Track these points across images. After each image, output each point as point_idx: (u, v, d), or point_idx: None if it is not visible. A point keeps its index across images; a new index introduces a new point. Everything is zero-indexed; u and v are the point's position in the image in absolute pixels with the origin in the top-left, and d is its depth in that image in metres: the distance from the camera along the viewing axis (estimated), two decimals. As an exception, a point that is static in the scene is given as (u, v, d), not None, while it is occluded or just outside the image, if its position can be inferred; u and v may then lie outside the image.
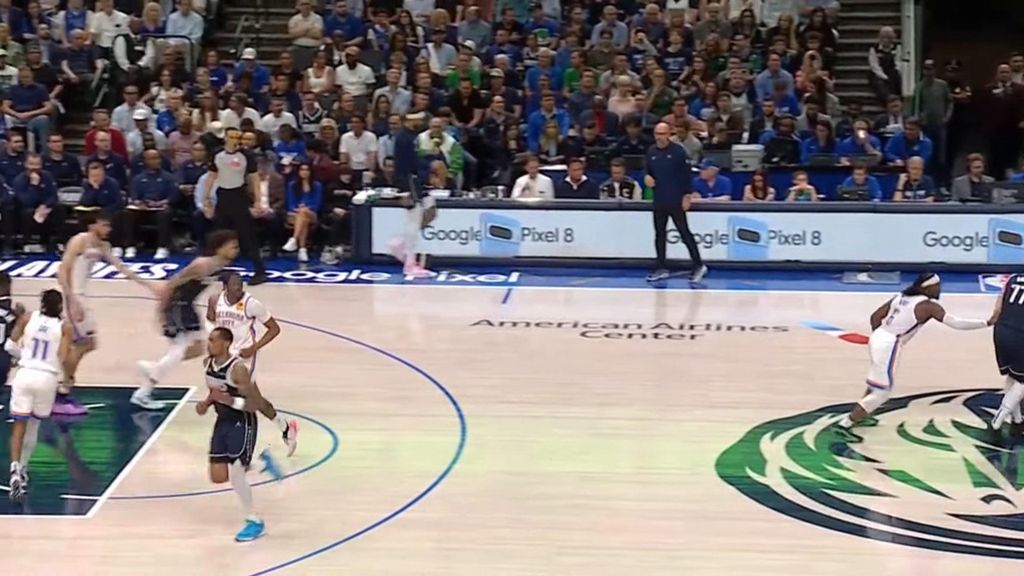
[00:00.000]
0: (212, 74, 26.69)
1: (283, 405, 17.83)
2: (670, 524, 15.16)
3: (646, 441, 17.37)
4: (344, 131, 25.24)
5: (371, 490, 15.93)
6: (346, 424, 17.46)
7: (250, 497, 14.50)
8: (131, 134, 25.39)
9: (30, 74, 26.15)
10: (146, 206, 24.00)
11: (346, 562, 14.40)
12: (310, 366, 19.07)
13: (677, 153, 23.28)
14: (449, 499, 15.76)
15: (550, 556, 14.57)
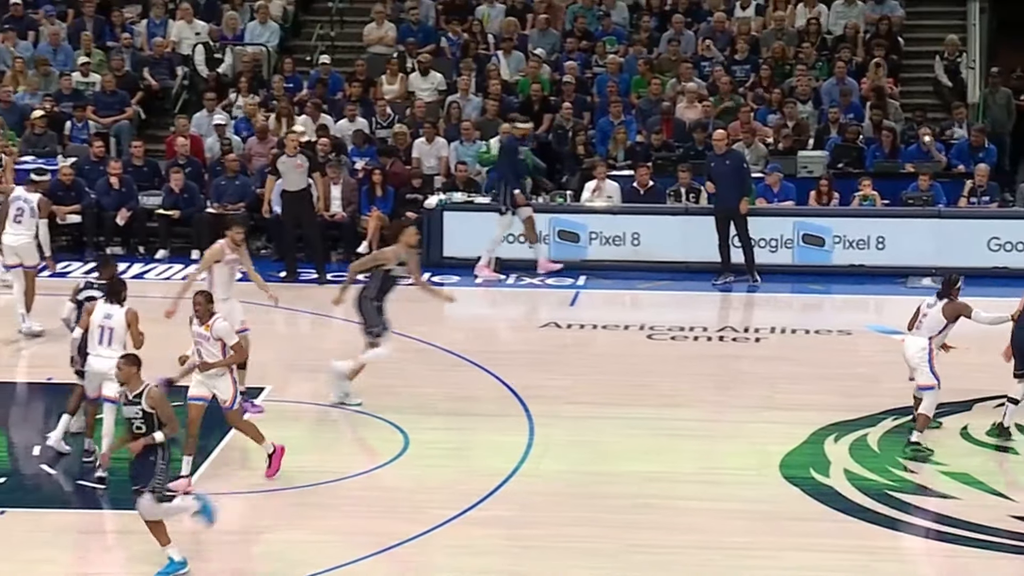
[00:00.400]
0: (288, 81, 26.81)
1: (350, 403, 17.91)
2: (735, 524, 15.12)
3: (711, 442, 17.33)
4: (416, 137, 25.30)
5: (441, 488, 15.95)
6: (417, 424, 17.50)
7: (165, 532, 13.80)
8: (209, 139, 25.54)
9: (113, 81, 26.35)
10: (223, 209, 24.13)
11: (418, 559, 14.43)
12: (382, 367, 19.11)
13: (736, 159, 23.24)
14: (518, 497, 15.77)
15: (617, 554, 14.55)
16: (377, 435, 17.27)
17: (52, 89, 26.48)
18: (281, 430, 17.48)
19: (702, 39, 27.64)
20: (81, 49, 27.15)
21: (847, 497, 15.67)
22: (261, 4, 28.07)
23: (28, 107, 25.75)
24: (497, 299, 22.63)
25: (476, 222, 23.59)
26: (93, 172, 24.52)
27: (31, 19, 27.79)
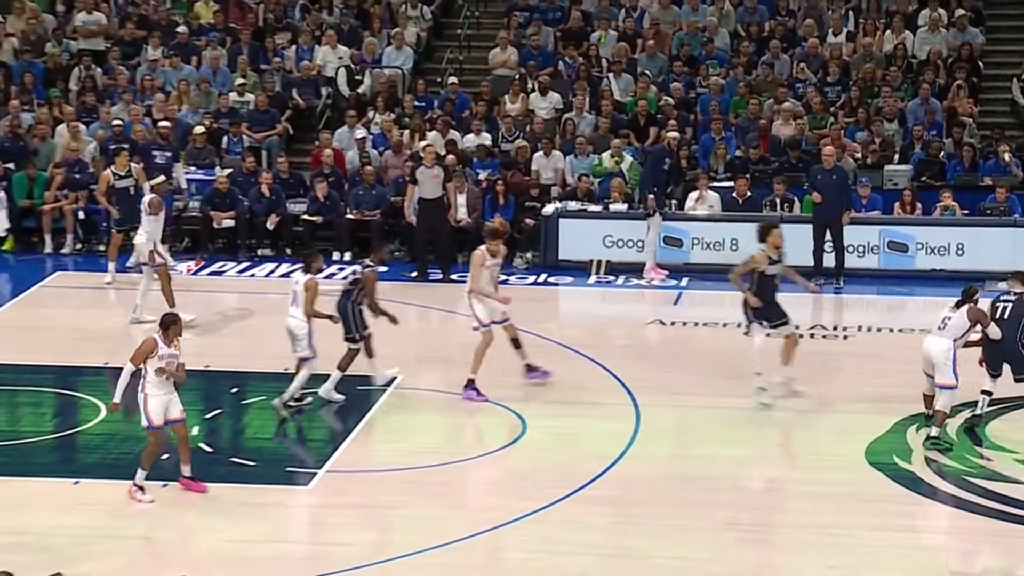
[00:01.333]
0: (420, 100, 26.93)
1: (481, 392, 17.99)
2: (821, 505, 15.02)
3: (802, 430, 17.22)
4: (535, 150, 25.33)
5: (555, 469, 15.97)
6: (535, 411, 17.53)
7: None
8: (350, 153, 25.70)
9: (265, 100, 26.58)
10: (361, 216, 24.28)
11: (534, 532, 14.47)
12: (503, 359, 19.16)
13: (841, 174, 23.12)
14: (624, 479, 15.76)
15: (714, 532, 14.50)
16: (499, 421, 17.32)
17: (211, 107, 26.78)
18: (413, 414, 17.60)
19: (797, 63, 27.44)
20: (237, 72, 27.43)
21: (927, 481, 15.53)
22: (397, 31, 28.21)
23: (190, 124, 26.06)
24: (608, 298, 22.59)
25: (588, 228, 23.57)
26: (246, 182, 24.77)
27: (194, 45, 28.12)
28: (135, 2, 29.09)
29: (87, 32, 28.16)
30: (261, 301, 21.93)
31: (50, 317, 21.04)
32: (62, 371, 18.70)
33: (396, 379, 18.30)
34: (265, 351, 19.34)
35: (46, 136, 25.50)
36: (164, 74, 27.37)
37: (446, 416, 17.67)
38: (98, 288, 22.06)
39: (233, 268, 23.57)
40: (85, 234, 24.45)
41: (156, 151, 24.22)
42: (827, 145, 23.76)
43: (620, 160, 24.76)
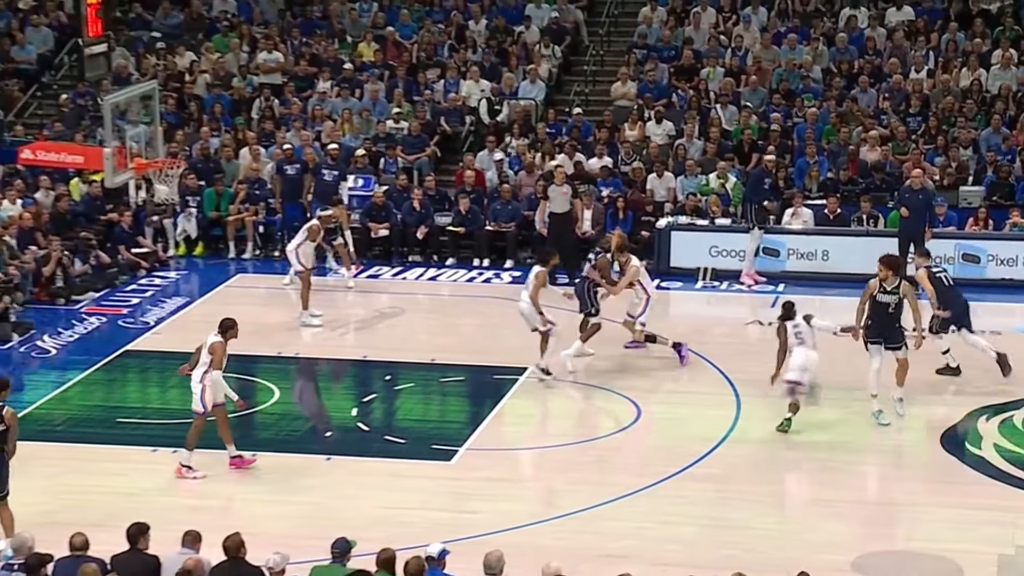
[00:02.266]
0: (551, 127, 26.87)
1: (599, 381, 17.95)
2: (902, 485, 14.81)
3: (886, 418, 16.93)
4: (650, 172, 25.17)
5: (665, 449, 15.91)
6: (648, 398, 17.46)
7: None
8: (489, 172, 25.71)
9: (417, 127, 26.67)
10: (498, 227, 24.29)
11: (646, 505, 14.41)
12: (623, 352, 19.12)
13: (927, 194, 22.72)
14: (726, 459, 15.65)
15: (805, 506, 14.36)
16: (617, 407, 17.27)
17: (371, 133, 26.95)
18: (542, 400, 17.59)
19: (883, 96, 27.01)
20: (394, 102, 27.58)
21: (995, 465, 15.23)
22: (532, 67, 28.17)
23: (352, 147, 26.25)
24: (712, 301, 22.40)
25: (696, 239, 23.36)
26: (400, 198, 24.88)
27: (358, 80, 28.31)
28: (308, 43, 29.39)
29: (267, 68, 28.49)
30: (411, 301, 22.07)
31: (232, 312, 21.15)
32: (242, 359, 18.93)
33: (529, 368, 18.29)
34: (414, 344, 19.46)
35: (231, 157, 25.82)
36: (331, 104, 27.61)
37: (571, 402, 17.64)
38: (274, 288, 22.31)
39: (387, 272, 23.71)
40: (263, 242, 24.74)
41: (325, 170, 24.44)
42: (914, 168, 23.38)
43: (725, 180, 24.55)
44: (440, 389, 18.07)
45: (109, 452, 15.50)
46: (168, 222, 24.54)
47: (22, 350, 19.42)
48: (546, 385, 17.72)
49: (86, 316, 20.93)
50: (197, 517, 13.52)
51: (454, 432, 16.55)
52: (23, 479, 14.50)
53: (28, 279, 21.45)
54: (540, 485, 15.08)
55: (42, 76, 29.05)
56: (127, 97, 18.01)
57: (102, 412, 17.11)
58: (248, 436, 16.57)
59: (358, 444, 16.07)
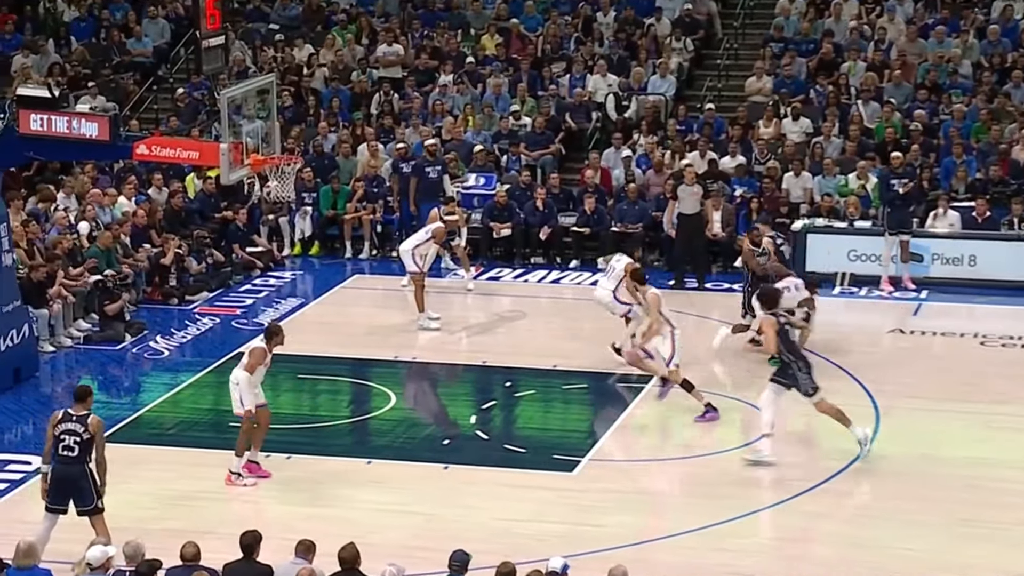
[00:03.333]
0: (681, 124, 26.78)
1: (728, 391, 17.83)
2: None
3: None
4: (786, 171, 24.96)
5: (800, 464, 15.76)
6: (781, 409, 17.25)
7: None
8: (616, 171, 25.70)
9: (542, 123, 26.73)
10: (625, 228, 24.25)
11: (779, 522, 14.29)
12: (752, 360, 18.98)
13: None
14: (864, 474, 15.47)
15: (949, 526, 14.13)
16: (747, 419, 17.14)
17: (493, 129, 27.08)
18: (668, 410, 17.52)
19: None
20: (517, 97, 27.69)
21: None
22: (662, 61, 28.07)
23: (473, 144, 26.39)
24: (851, 308, 22.14)
25: (833, 243, 23.10)
26: (522, 197, 24.96)
27: (480, 74, 28.46)
28: (430, 35, 29.61)
29: (387, 62, 28.76)
30: (533, 304, 22.13)
31: (348, 314, 21.56)
32: (357, 363, 19.15)
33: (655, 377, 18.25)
34: (535, 349, 19.50)
35: (349, 154, 26.11)
36: (453, 99, 27.81)
37: (699, 413, 17.52)
38: (391, 290, 22.50)
39: (508, 274, 23.80)
40: (380, 241, 24.97)
41: (428, 168, 24.54)
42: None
43: (865, 181, 24.25)
44: (562, 397, 18.09)
45: (221, 457, 15.74)
46: (283, 220, 24.89)
47: (134, 351, 19.83)
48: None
49: (199, 316, 21.30)
50: (311, 525, 13.69)
51: (576, 442, 16.56)
52: (133, 483, 14.81)
53: (141, 278, 21.90)
54: (665, 499, 15.03)
55: (158, 69, 29.65)
56: (244, 91, 18.24)
57: (214, 416, 17.39)
58: (363, 443, 16.75)
59: (477, 452, 16.15)
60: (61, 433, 12.89)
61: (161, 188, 24.27)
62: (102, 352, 19.77)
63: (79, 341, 20.11)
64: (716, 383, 18.10)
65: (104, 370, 19.27)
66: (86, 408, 13.07)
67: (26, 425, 17.09)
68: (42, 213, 22.18)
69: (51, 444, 12.98)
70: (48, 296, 19.75)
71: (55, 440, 12.92)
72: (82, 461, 12.90)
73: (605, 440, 16.52)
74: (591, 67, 28.19)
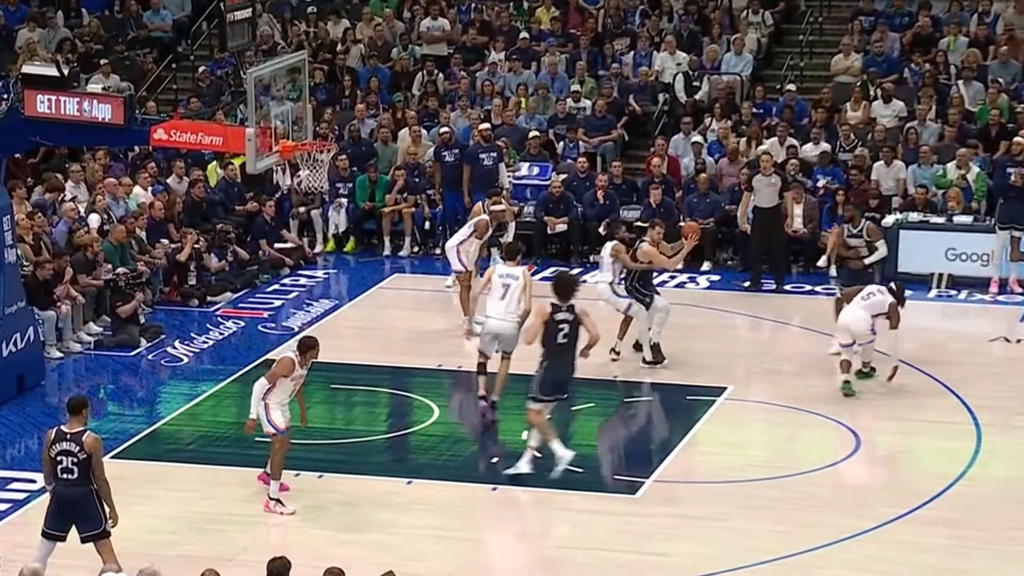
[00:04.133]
0: (758, 107, 26.74)
1: (810, 406, 17.78)
2: None
3: None
4: (875, 159, 24.87)
5: (889, 488, 15.71)
6: (869, 427, 17.25)
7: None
8: (685, 159, 25.69)
9: (603, 106, 26.75)
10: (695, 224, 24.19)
11: (863, 552, 14.24)
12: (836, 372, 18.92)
13: None
14: (963, 500, 15.38)
15: (1057, 560, 14.03)
16: (831, 435, 17.09)
17: (548, 113, 27.13)
18: (741, 426, 17.51)
19: None
20: (575, 77, 27.73)
21: None
22: (737, 37, 28.07)
23: (526, 129, 26.43)
24: (949, 313, 22.02)
25: (930, 240, 23.00)
26: (580, 188, 24.99)
27: (534, 51, 28.53)
28: (478, 8, 29.69)
29: (431, 38, 28.87)
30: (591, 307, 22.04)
31: (387, 318, 21.64)
32: (397, 372, 19.22)
33: (727, 389, 18.23)
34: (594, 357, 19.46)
35: (388, 140, 26.22)
36: (504, 79, 27.87)
37: (775, 429, 17.52)
38: (436, 291, 22.56)
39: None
40: (422, 237, 25.03)
41: (482, 154, 24.55)
42: None
43: (966, 171, 24.11)
44: (624, 411, 18.09)
45: (245, 476, 15.83)
46: (316, 214, 25.02)
47: (150, 357, 19.97)
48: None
49: (222, 320, 21.44)
50: (345, 552, 13.75)
51: (639, 461, 16.56)
52: (148, 505, 14.94)
53: (158, 276, 22.05)
54: (738, 525, 14.99)
55: (178, 45, 29.88)
56: (273, 70, 18.32)
57: (237, 430, 17.47)
58: (404, 461, 16.81)
59: (530, 472, 16.14)
60: (57, 455, 12.85)
61: (181, 177, 24.45)
62: (115, 359, 19.94)
63: (89, 346, 20.28)
64: (808, 396, 18.03)
65: (117, 378, 19.43)
66: (81, 423, 12.96)
67: (30, 439, 17.23)
68: (49, 204, 22.38)
69: (49, 467, 12.97)
70: (55, 296, 19.92)
71: (52, 462, 12.92)
72: (85, 482, 12.86)
73: (672, 459, 16.51)
74: (658, 44, 28.19)
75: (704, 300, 22.18)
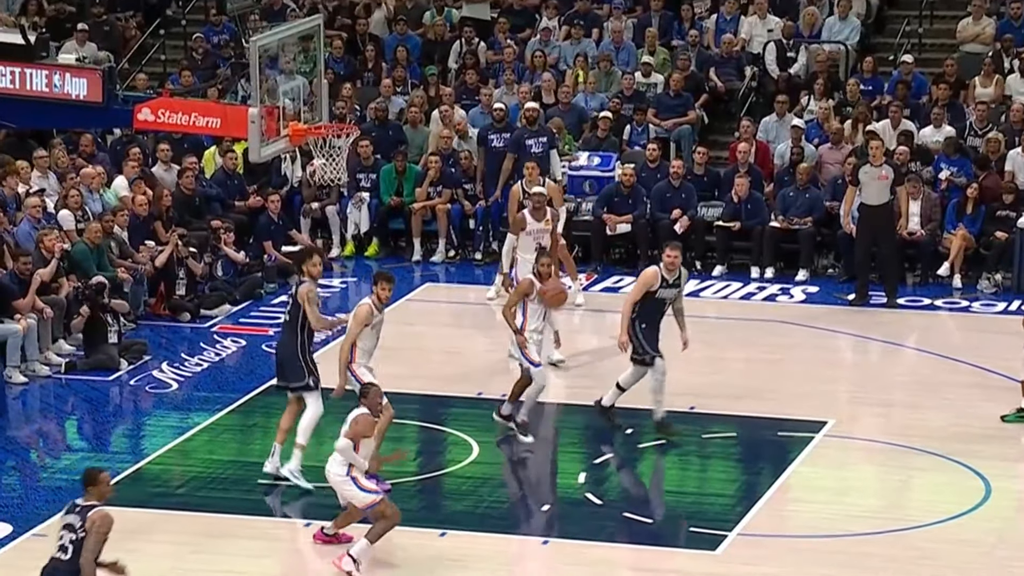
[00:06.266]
0: (866, 83, 26.70)
1: (928, 445, 17.75)
2: None
3: None
4: (1012, 146, 24.82)
5: None
6: (999, 470, 17.18)
7: None
8: (780, 146, 25.64)
9: (679, 81, 26.69)
10: (789, 224, 24.21)
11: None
12: (960, 404, 18.86)
13: None
14: None
15: None
16: (955, 480, 17.03)
17: (612, 90, 27.15)
18: (846, 468, 17.48)
19: None
20: (645, 47, 27.75)
21: None
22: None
23: (585, 109, 26.46)
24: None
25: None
26: (649, 180, 24.89)
27: (596, 15, 28.57)
28: (528, -37, 29.76)
29: (471, 0, 28.95)
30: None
31: (417, 336, 21.66)
32: (429, 400, 19.25)
33: (828, 423, 18.21)
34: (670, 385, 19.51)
35: (419, 122, 26.26)
36: (558, 49, 27.92)
37: (887, 472, 17.48)
38: (477, 304, 22.59)
39: (630, 283, 23.78)
40: (459, 240, 25.06)
41: (529, 139, 24.31)
42: None
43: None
44: (701, 449, 18.09)
45: (247, 525, 15.90)
46: (332, 210, 25.12)
47: (132, 382, 20.06)
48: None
49: (219, 338, 21.53)
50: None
51: (721, 510, 16.55)
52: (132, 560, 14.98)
53: (143, 285, 22.14)
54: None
55: (167, 8, 30.05)
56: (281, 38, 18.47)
57: (238, 470, 17.55)
58: (436, 507, 16.84)
59: (586, 522, 16.17)
60: (60, 528, 12.83)
61: (170, 166, 24.56)
62: (90, 383, 20.03)
63: (59, 369, 20.39)
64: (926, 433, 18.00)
65: (92, 408, 19.52)
66: (97, 496, 12.89)
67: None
68: (10, 198, 22.51)
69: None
70: (17, 308, 20.02)
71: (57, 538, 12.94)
72: (74, 569, 12.76)
73: (760, 508, 16.49)
74: (745, 6, 28.22)
75: (801, 317, 22.14)
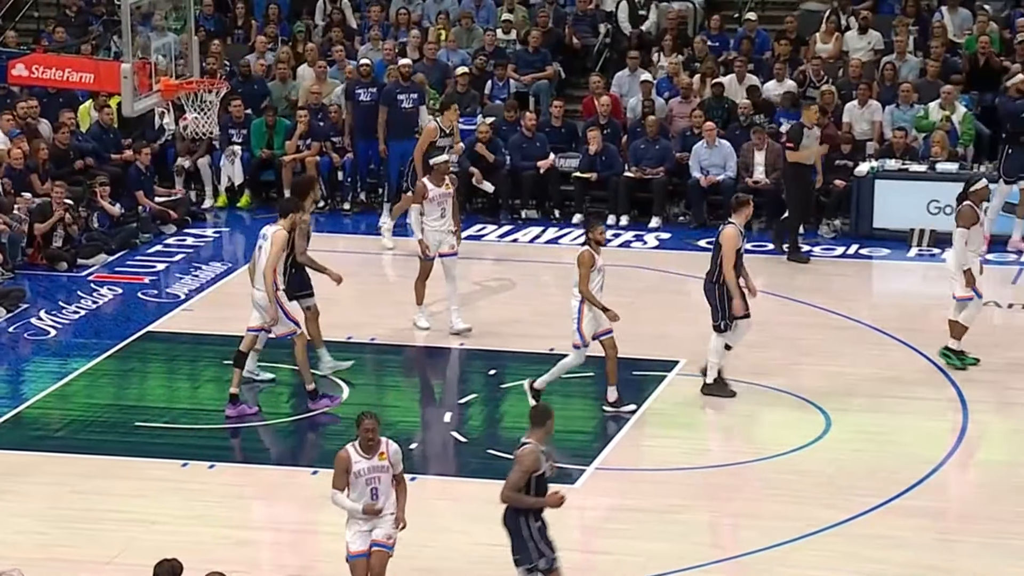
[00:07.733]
0: (714, 39, 26.79)
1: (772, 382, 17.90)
2: None
3: None
4: (848, 99, 24.98)
5: (865, 475, 15.80)
6: (839, 404, 17.35)
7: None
8: (632, 100, 25.69)
9: (537, 38, 26.63)
10: (642, 173, 24.27)
11: (835, 548, 14.34)
12: (803, 344, 19.02)
13: None
14: (949, 488, 15.54)
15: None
16: (796, 415, 17.19)
17: (474, 46, 27.04)
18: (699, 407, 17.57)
19: None
20: (504, 5, 27.66)
21: None
22: (690, -44, 28.10)
23: (447, 65, 26.36)
24: (929, 275, 22.17)
25: (910, 192, 23.15)
26: (509, 132, 24.88)
27: (458, -28, 28.48)
28: (391, -77, 29.54)
29: (336, -43, 28.70)
30: (523, 270, 22.16)
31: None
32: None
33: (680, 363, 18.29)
34: (526, 328, 19.52)
35: (288, 77, 26.09)
36: (422, 7, 27.77)
37: (734, 408, 17.58)
38: (345, 252, 22.47)
39: (492, 232, 23.78)
40: (329, 191, 24.91)
41: (401, 95, 24.22)
42: None
43: (951, 111, 24.28)
44: (562, 389, 18.09)
45: (125, 466, 15.77)
46: (204, 162, 24.89)
47: (11, 330, 19.82)
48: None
49: (95, 286, 21.30)
50: (242, 553, 13.70)
51: (580, 446, 16.59)
52: (12, 500, 14.85)
53: (22, 237, 21.88)
54: (692, 519, 15.07)
55: (40, -35, 29.56)
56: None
57: (116, 413, 17.40)
58: (308, 446, 16.77)
59: (452, 460, 16.17)
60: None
61: (37, 120, 24.14)
62: (-33, 332, 19.81)
63: (-65, 317, 20.15)
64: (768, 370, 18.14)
65: (-30, 355, 19.31)
66: None
67: None
68: None
69: None
70: None
71: None
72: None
73: (617, 443, 16.56)
74: (598, -35, 28.17)
75: (655, 262, 22.22)
